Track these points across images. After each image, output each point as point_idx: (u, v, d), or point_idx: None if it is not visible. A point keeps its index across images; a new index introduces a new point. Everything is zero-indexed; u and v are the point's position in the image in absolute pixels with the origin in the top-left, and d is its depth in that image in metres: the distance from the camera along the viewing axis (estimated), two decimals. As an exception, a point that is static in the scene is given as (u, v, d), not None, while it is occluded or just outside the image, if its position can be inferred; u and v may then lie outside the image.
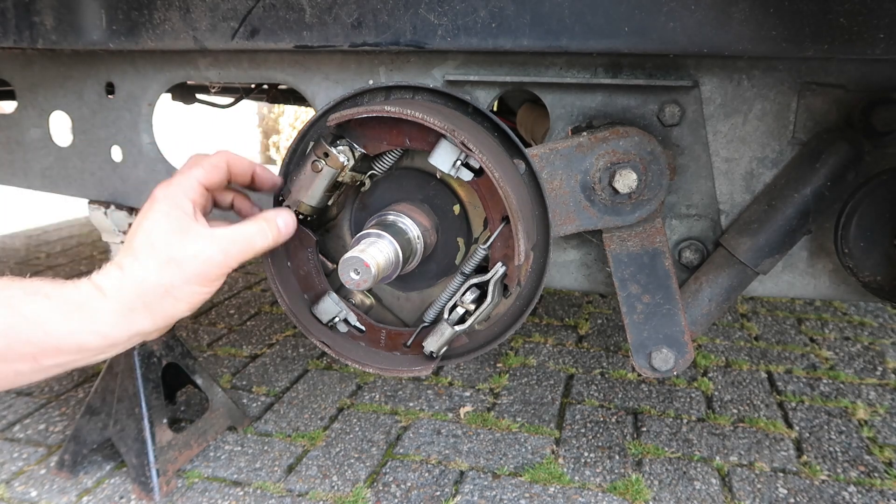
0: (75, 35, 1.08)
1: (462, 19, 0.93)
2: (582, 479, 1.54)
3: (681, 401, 1.91)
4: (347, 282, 0.80)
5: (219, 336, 2.32)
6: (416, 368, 0.94)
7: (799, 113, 1.01)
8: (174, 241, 0.78)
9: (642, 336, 1.02)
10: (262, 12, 0.98)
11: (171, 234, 0.78)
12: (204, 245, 0.79)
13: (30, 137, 1.34)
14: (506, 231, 0.88)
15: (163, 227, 0.78)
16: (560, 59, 1.02)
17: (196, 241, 0.79)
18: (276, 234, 0.86)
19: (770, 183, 1.04)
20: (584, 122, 1.04)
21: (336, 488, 1.50)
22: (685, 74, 1.00)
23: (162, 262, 0.77)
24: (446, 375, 2.04)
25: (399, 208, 0.92)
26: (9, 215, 4.13)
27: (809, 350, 2.28)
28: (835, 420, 1.82)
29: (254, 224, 0.85)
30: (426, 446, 1.66)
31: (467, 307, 0.91)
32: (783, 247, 1.02)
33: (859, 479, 1.56)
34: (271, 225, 0.85)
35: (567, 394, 1.94)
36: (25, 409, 1.83)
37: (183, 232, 0.79)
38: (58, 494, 1.49)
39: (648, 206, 0.98)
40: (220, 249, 0.80)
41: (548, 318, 2.52)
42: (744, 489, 1.51)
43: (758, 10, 0.86)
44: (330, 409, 1.84)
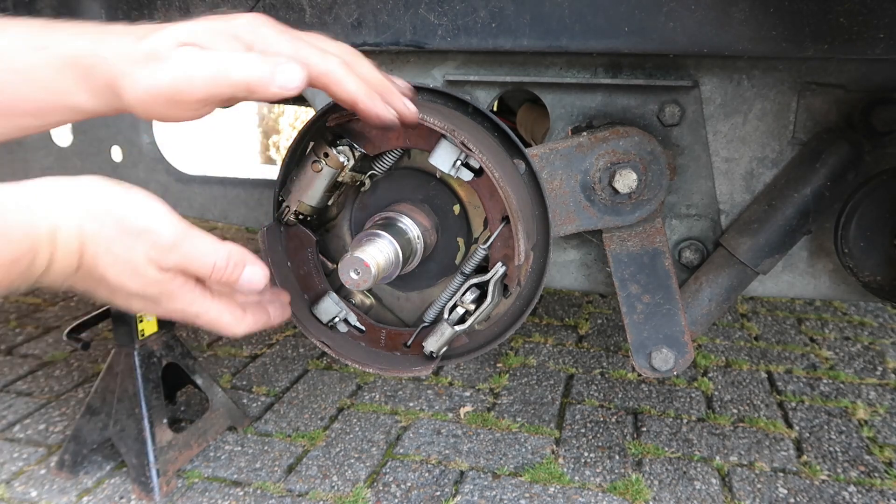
0: (75, 35, 1.08)
1: (462, 19, 0.93)
2: (582, 479, 1.54)
3: (681, 401, 1.91)
4: (347, 282, 0.80)
5: (219, 336, 2.32)
6: (416, 368, 0.94)
7: (799, 113, 1.01)
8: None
9: (642, 336, 1.03)
10: (262, 12, 0.99)
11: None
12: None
13: (30, 137, 1.34)
14: (506, 231, 0.88)
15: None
16: (560, 59, 1.02)
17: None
18: (266, 72, 0.64)
19: (770, 183, 1.04)
20: (584, 122, 1.04)
21: (336, 488, 1.50)
22: (685, 74, 1.00)
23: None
24: (446, 375, 2.04)
25: (399, 208, 0.92)
26: (9, 215, 4.13)
27: (809, 350, 2.28)
28: (835, 420, 1.82)
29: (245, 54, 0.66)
30: (426, 446, 1.66)
31: (467, 307, 0.91)
32: (783, 247, 1.02)
33: (859, 478, 1.56)
34: (267, 60, 0.65)
35: (567, 394, 1.94)
36: (25, 409, 1.83)
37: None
38: (58, 494, 1.49)
39: (648, 206, 0.98)
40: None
41: (548, 318, 2.52)
42: (744, 489, 1.51)
43: (758, 10, 0.86)
44: (330, 409, 1.84)
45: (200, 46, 0.65)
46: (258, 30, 0.68)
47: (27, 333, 2.30)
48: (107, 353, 1.90)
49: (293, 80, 0.65)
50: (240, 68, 0.63)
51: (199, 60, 0.64)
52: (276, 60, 0.65)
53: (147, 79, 0.64)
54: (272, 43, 0.67)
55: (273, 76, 0.64)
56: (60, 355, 2.14)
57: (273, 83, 0.64)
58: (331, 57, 0.69)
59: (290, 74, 0.65)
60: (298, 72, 0.65)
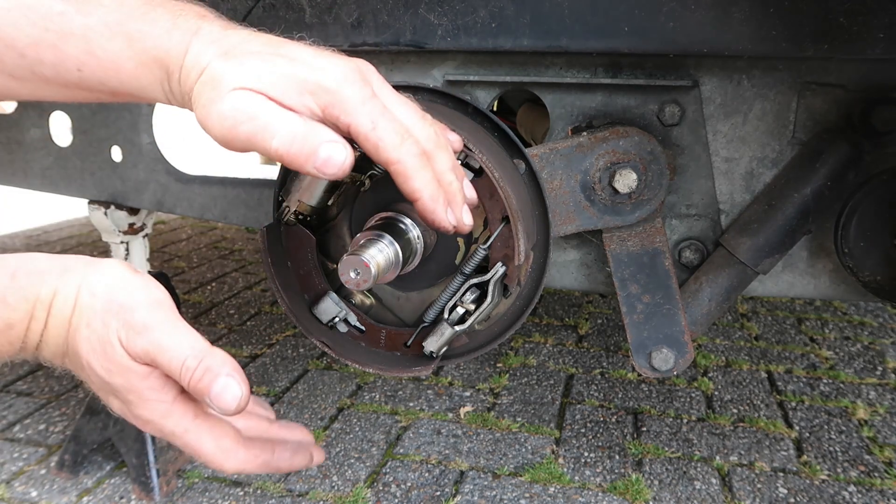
0: (75, 35, 1.08)
1: (462, 19, 0.93)
2: (582, 479, 1.54)
3: (681, 401, 1.91)
4: (347, 282, 0.80)
5: (219, 336, 2.32)
6: (416, 368, 0.94)
7: (799, 113, 1.01)
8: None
9: (642, 336, 1.02)
10: (262, 12, 0.99)
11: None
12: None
13: (30, 137, 1.34)
14: (506, 231, 0.88)
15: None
16: (560, 59, 1.02)
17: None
18: (306, 151, 0.58)
19: (770, 183, 1.04)
20: (584, 122, 1.04)
21: (336, 488, 1.50)
22: (685, 74, 1.00)
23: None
24: (446, 375, 2.04)
25: (399, 208, 0.92)
26: (9, 215, 4.13)
27: (809, 350, 2.28)
28: (835, 420, 1.82)
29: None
30: (426, 446, 1.66)
31: (467, 307, 0.91)
32: (783, 247, 1.02)
33: (859, 478, 1.56)
34: (312, 138, 0.58)
35: (567, 394, 1.94)
36: (25, 409, 1.83)
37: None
38: (58, 494, 1.49)
39: (648, 206, 0.98)
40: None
41: (548, 318, 2.52)
42: (744, 489, 1.51)
43: (758, 10, 0.86)
44: (330, 409, 1.84)
45: (265, 95, 0.59)
46: (343, 90, 0.60)
47: (27, 333, 2.30)
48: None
49: (331, 167, 0.58)
50: (280, 139, 0.57)
51: (244, 116, 0.58)
52: (321, 137, 0.58)
53: (200, 110, 0.60)
54: (350, 109, 0.60)
55: (312, 157, 0.58)
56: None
57: (309, 163, 0.58)
58: (409, 144, 0.62)
59: (331, 160, 0.58)
60: (341, 159, 0.58)
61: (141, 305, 0.59)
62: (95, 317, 0.58)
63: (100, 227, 1.42)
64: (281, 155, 0.58)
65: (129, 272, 0.61)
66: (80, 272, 0.60)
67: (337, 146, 0.58)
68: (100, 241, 3.49)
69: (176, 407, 0.60)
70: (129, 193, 1.31)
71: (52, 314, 0.58)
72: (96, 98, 0.69)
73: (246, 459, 0.62)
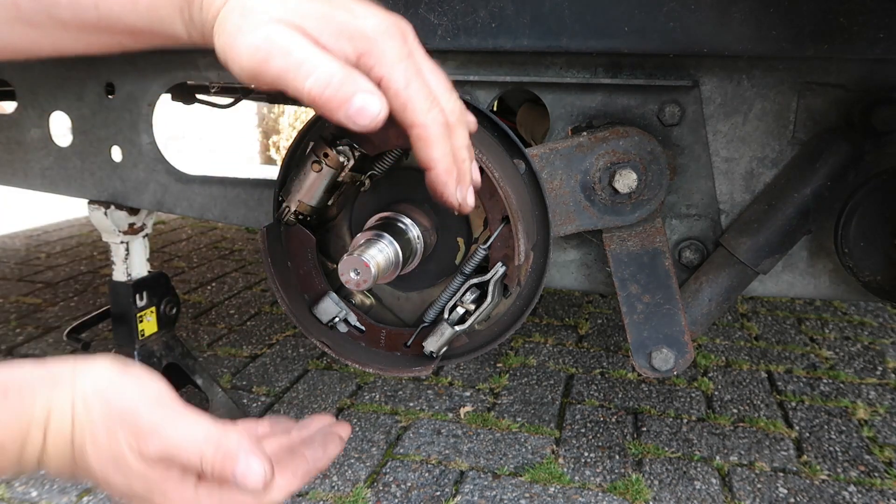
0: (75, 35, 1.08)
1: (462, 19, 0.93)
2: (582, 479, 1.54)
3: (681, 401, 1.91)
4: (347, 282, 0.80)
5: (219, 336, 2.32)
6: (416, 368, 0.94)
7: (799, 113, 1.01)
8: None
9: (642, 336, 1.02)
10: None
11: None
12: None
13: (30, 137, 1.34)
14: (506, 231, 0.88)
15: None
16: (560, 59, 1.02)
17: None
18: (340, 96, 0.54)
19: (770, 183, 1.04)
20: (584, 122, 1.04)
21: (336, 488, 1.50)
22: (685, 74, 1.00)
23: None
24: (446, 375, 2.04)
25: (399, 208, 0.92)
26: (9, 215, 4.13)
27: (809, 350, 2.28)
28: (835, 420, 1.82)
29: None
30: (426, 446, 1.66)
31: (467, 307, 0.91)
32: (783, 247, 1.02)
33: (859, 478, 1.56)
34: (350, 82, 0.55)
35: (567, 394, 1.94)
36: (25, 410, 1.83)
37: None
38: (58, 494, 1.49)
39: (648, 206, 0.98)
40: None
41: (548, 318, 2.52)
42: (744, 489, 1.51)
43: (758, 10, 0.86)
44: (330, 410, 1.84)
45: (302, 31, 0.55)
46: (382, 41, 0.57)
47: (27, 334, 2.30)
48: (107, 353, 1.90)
49: (364, 117, 0.54)
50: (315, 79, 0.54)
51: (278, 50, 0.54)
52: (358, 85, 0.54)
53: (225, 38, 0.56)
54: (386, 62, 0.57)
55: (346, 105, 0.54)
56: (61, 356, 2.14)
57: (342, 110, 0.54)
58: (436, 112, 0.60)
59: (365, 109, 0.54)
60: (375, 110, 0.54)
61: (142, 406, 0.57)
62: (98, 431, 0.56)
63: (100, 227, 1.42)
64: (314, 97, 0.54)
65: (118, 372, 0.59)
66: (69, 382, 0.57)
67: (374, 97, 0.55)
68: (100, 241, 3.49)
69: (201, 491, 0.59)
70: (129, 193, 1.31)
71: (50, 434, 0.56)
72: (117, 43, 0.65)
73: (287, 484, 0.62)
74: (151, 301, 1.50)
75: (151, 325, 1.51)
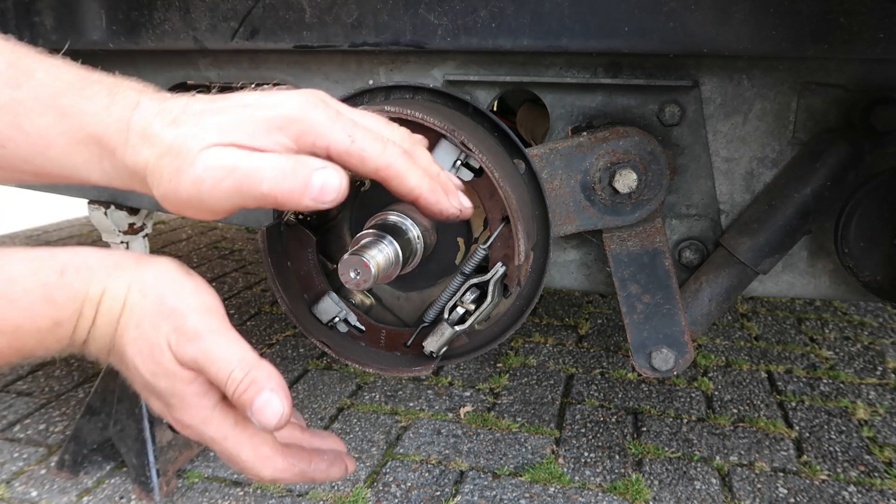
0: (75, 35, 1.08)
1: (462, 19, 0.93)
2: (582, 479, 1.54)
3: (681, 401, 1.91)
4: (347, 282, 0.80)
5: (219, 336, 2.32)
6: (416, 368, 0.94)
7: (799, 113, 1.01)
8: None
9: (642, 336, 1.02)
10: (262, 12, 0.98)
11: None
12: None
13: (30, 137, 1.34)
14: (506, 231, 0.88)
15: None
16: (560, 59, 1.02)
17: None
18: (298, 184, 0.55)
19: (770, 183, 1.04)
20: (584, 122, 1.04)
21: (336, 488, 1.50)
22: (685, 74, 1.00)
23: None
24: (446, 375, 2.04)
25: (399, 208, 0.92)
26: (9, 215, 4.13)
27: (809, 350, 2.28)
28: (835, 420, 1.82)
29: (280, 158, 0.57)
30: (426, 446, 1.66)
31: (467, 307, 0.91)
32: (783, 247, 1.02)
33: (859, 478, 1.56)
34: (300, 168, 0.56)
35: (567, 394, 1.94)
36: (25, 409, 1.83)
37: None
38: (58, 494, 1.49)
39: (648, 206, 0.98)
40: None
41: (548, 318, 2.52)
42: (744, 489, 1.51)
43: (758, 10, 0.86)
44: (330, 409, 1.84)
45: (236, 145, 0.56)
46: (309, 115, 0.58)
47: (27, 333, 2.30)
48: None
49: (329, 193, 0.55)
50: (269, 180, 0.54)
51: (223, 172, 0.55)
52: (310, 166, 0.55)
53: (167, 184, 0.56)
54: (323, 131, 0.58)
55: (307, 189, 0.55)
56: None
57: (306, 195, 0.55)
58: (391, 146, 0.60)
59: (327, 186, 0.55)
60: (336, 183, 0.55)
61: (193, 311, 0.58)
62: (145, 318, 0.57)
63: (100, 227, 1.42)
64: (275, 196, 0.55)
65: (181, 273, 0.60)
66: (131, 270, 0.58)
67: (328, 170, 0.56)
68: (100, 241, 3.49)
69: (216, 413, 0.59)
70: (129, 194, 1.31)
71: (101, 312, 0.57)
72: (17, 179, 0.64)
73: (284, 468, 0.62)
74: (151, 301, 1.50)
75: (151, 325, 1.50)
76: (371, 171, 0.60)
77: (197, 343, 0.57)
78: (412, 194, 0.62)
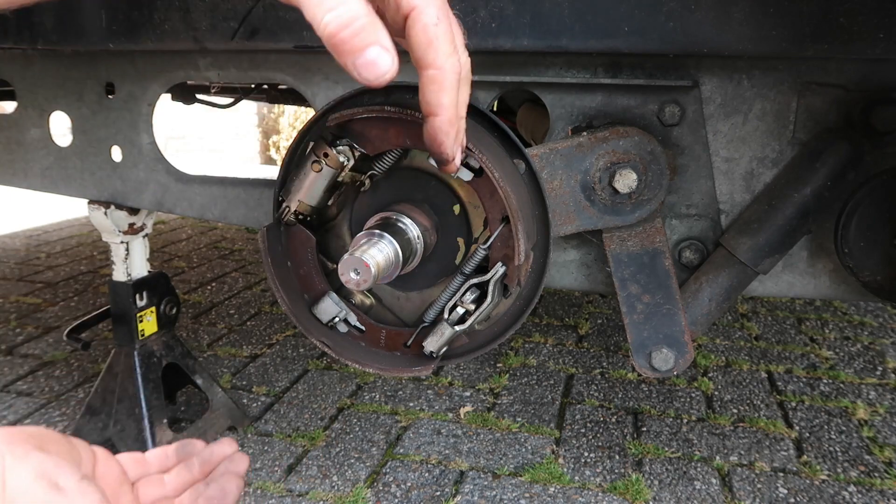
0: (75, 35, 1.08)
1: (462, 19, 0.93)
2: (582, 479, 1.54)
3: (681, 401, 1.91)
4: (347, 282, 0.80)
5: (219, 336, 2.32)
6: (416, 368, 0.94)
7: (799, 113, 1.01)
8: None
9: (642, 336, 1.02)
10: (262, 12, 0.98)
11: None
12: None
13: (30, 137, 1.34)
14: (506, 231, 0.88)
15: None
16: (560, 59, 1.02)
17: None
18: (355, 45, 0.53)
19: (770, 183, 1.04)
20: (584, 122, 1.04)
21: (336, 488, 1.50)
22: (685, 74, 1.00)
23: None
24: (446, 375, 2.04)
25: (399, 208, 0.92)
26: (9, 215, 4.13)
27: (809, 350, 2.28)
28: (835, 420, 1.82)
29: None
30: (426, 446, 1.66)
31: (467, 307, 0.91)
32: (783, 246, 1.02)
33: (859, 478, 1.56)
34: (367, 30, 0.53)
35: (567, 394, 1.94)
36: (25, 409, 1.83)
37: None
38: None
39: (648, 206, 0.98)
40: None
41: (548, 318, 2.52)
42: (744, 489, 1.51)
43: (758, 10, 0.86)
44: (330, 409, 1.84)
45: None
46: None
47: (27, 333, 2.30)
48: (107, 353, 1.90)
49: (370, 71, 0.53)
50: (335, 15, 0.51)
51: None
52: (376, 38, 0.52)
53: None
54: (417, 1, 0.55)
55: (358, 53, 0.52)
56: (60, 355, 2.14)
57: (351, 57, 0.52)
58: (455, 59, 0.58)
59: (376, 64, 0.53)
60: (385, 67, 0.53)
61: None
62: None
63: (100, 227, 1.42)
64: (328, 34, 0.51)
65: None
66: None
67: (388, 55, 0.52)
68: (100, 241, 3.49)
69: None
70: (129, 193, 1.31)
71: None
72: None
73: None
74: (151, 301, 1.51)
75: (151, 325, 1.51)
76: (427, 62, 0.58)
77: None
78: (436, 109, 0.60)
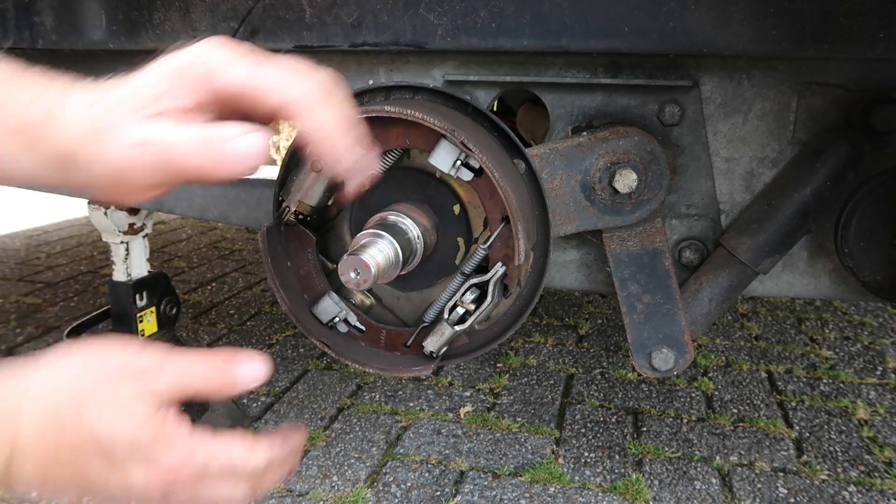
0: (75, 35, 1.08)
1: (462, 19, 0.93)
2: (582, 479, 1.54)
3: (681, 401, 1.91)
4: (347, 282, 0.80)
5: (219, 336, 2.32)
6: (416, 368, 0.94)
7: (799, 113, 1.01)
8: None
9: (642, 336, 1.02)
10: (262, 12, 0.98)
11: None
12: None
13: (30, 137, 1.34)
14: (506, 231, 0.88)
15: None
16: (560, 59, 1.02)
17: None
18: (214, 157, 0.53)
19: (770, 183, 1.04)
20: (584, 122, 1.04)
21: (336, 488, 1.50)
22: (685, 74, 1.00)
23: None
24: (446, 375, 2.04)
25: (399, 208, 0.92)
26: (9, 215, 4.13)
27: (809, 350, 2.28)
28: (835, 420, 1.82)
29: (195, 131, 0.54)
30: (426, 446, 1.66)
31: (467, 307, 0.91)
32: (783, 246, 1.02)
33: (859, 478, 1.56)
34: (214, 142, 0.52)
35: (567, 394, 1.94)
36: (25, 410, 1.82)
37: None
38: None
39: (648, 206, 0.98)
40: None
41: (548, 318, 2.52)
42: (744, 489, 1.51)
43: (758, 10, 0.86)
44: (330, 409, 1.84)
45: (150, 115, 0.54)
46: (214, 53, 0.56)
47: (27, 334, 2.30)
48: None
49: (245, 161, 0.52)
50: (188, 157, 0.52)
51: (143, 145, 0.53)
52: (223, 137, 0.52)
53: (92, 163, 0.54)
54: (223, 69, 0.55)
55: (221, 161, 0.52)
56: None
57: (221, 168, 0.52)
58: (300, 81, 0.56)
59: (245, 154, 0.52)
60: (251, 149, 0.52)
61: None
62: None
63: (100, 228, 1.42)
64: (192, 171, 0.53)
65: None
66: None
67: (245, 139, 0.52)
68: (100, 241, 3.49)
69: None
70: (129, 193, 1.31)
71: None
72: None
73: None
74: (151, 301, 1.50)
75: (151, 325, 1.51)
76: (281, 107, 0.55)
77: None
78: (317, 130, 0.56)
